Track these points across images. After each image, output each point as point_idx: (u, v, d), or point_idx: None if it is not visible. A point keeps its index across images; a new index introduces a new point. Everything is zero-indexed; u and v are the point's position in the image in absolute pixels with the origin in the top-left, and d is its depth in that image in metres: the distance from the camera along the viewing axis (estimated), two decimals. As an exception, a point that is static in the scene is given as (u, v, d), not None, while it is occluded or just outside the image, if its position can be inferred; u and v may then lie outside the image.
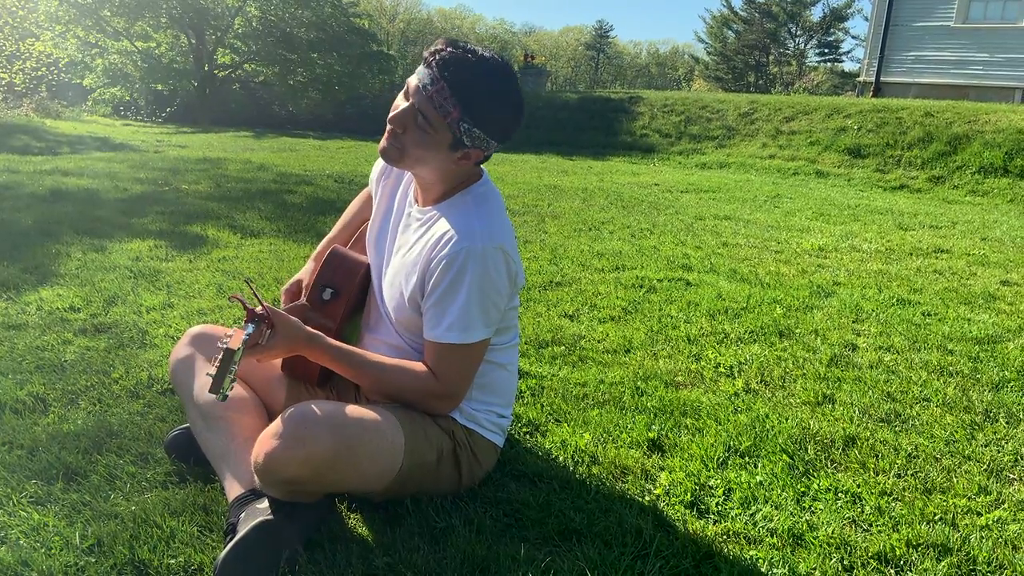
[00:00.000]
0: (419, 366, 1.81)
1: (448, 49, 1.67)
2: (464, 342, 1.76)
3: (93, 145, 10.72)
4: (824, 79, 28.45)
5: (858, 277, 4.50)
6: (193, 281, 3.77)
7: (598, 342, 3.16)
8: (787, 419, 2.47)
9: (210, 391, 1.56)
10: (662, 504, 1.97)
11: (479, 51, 1.70)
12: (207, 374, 1.60)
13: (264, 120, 19.05)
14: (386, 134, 1.75)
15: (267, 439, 1.62)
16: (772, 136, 12.26)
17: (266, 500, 1.71)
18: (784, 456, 2.22)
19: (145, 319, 3.19)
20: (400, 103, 1.73)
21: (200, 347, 2.00)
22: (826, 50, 33.01)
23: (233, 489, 1.79)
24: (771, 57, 33.09)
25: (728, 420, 2.45)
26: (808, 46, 33.29)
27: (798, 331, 3.41)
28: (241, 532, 1.63)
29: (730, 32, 34.98)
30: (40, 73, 17.23)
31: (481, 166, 1.90)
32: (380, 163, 2.09)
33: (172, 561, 1.66)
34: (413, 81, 1.70)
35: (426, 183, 1.86)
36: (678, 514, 1.92)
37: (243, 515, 1.71)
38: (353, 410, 1.75)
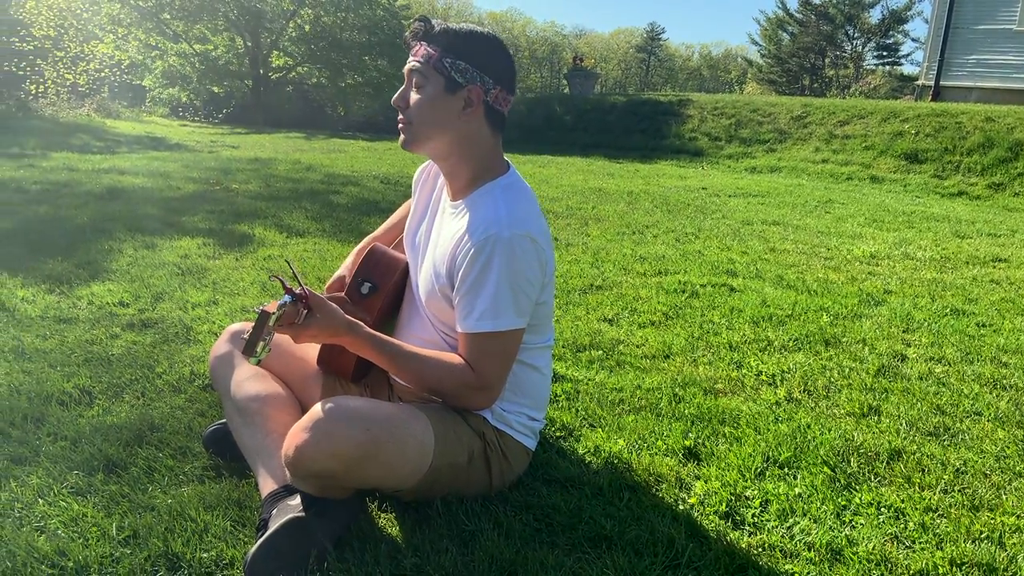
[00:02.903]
0: (455, 358, 1.80)
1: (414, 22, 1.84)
2: (496, 330, 1.74)
3: (150, 145, 11.00)
4: (882, 82, 27.75)
5: (910, 286, 4.37)
6: (238, 279, 3.84)
7: (637, 347, 3.13)
8: (830, 430, 2.41)
9: (243, 353, 1.58)
10: (696, 514, 1.93)
11: None
12: (241, 337, 1.62)
13: (316, 122, 19.36)
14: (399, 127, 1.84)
15: (298, 432, 1.63)
16: (825, 140, 12.02)
17: (298, 497, 1.72)
18: (825, 468, 2.16)
19: (190, 315, 3.25)
20: None
21: (239, 344, 2.02)
22: (884, 53, 32.25)
23: (267, 485, 1.81)
24: (827, 60, 32.45)
25: (768, 430, 2.39)
26: (866, 48, 32.56)
27: (845, 340, 3.32)
28: (271, 529, 1.65)
29: (785, 34, 34.39)
30: (103, 74, 17.71)
31: (508, 162, 1.90)
32: (419, 169, 2.12)
33: (204, 555, 1.68)
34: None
35: (450, 168, 1.87)
36: (712, 524, 1.88)
37: (275, 511, 1.72)
38: (384, 407, 1.76)
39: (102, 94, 17.44)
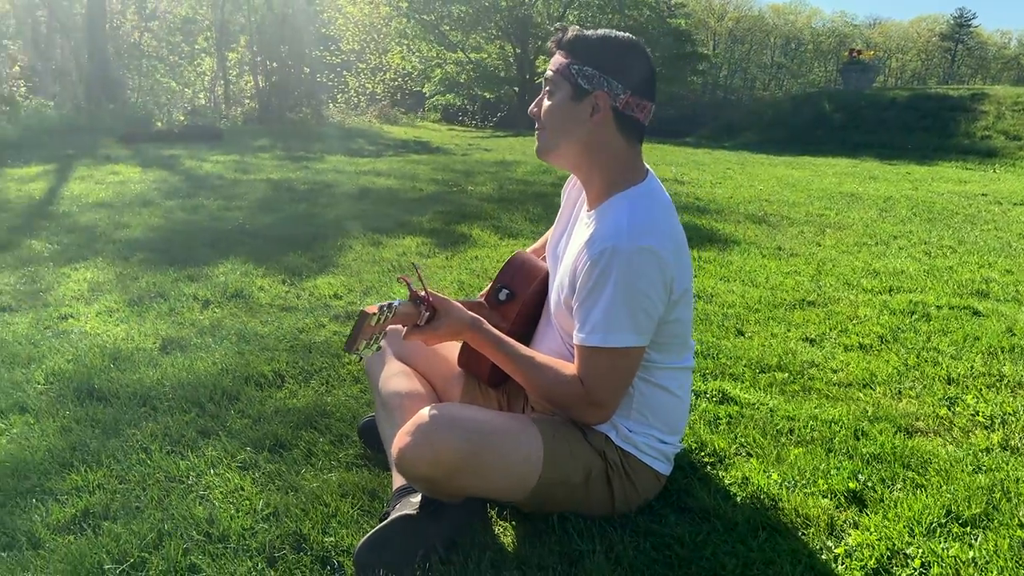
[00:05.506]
0: (570, 367, 1.76)
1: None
2: (607, 345, 1.67)
3: (413, 148, 11.93)
4: None
5: None
6: (440, 278, 4.04)
7: (832, 372, 2.83)
8: (1045, 488, 2.02)
9: (344, 348, 1.64)
10: (838, 567, 1.71)
11: None
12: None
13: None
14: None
15: (403, 435, 1.68)
16: None
17: (420, 495, 1.78)
18: (1020, 531, 1.81)
19: (388, 310, 3.47)
20: None
21: (391, 341, 2.13)
22: None
23: (398, 479, 1.88)
24: None
25: (960, 479, 2.06)
26: None
27: (1106, 381, 2.76)
28: (384, 522, 1.71)
29: (1125, 13, 29.11)
30: (397, 83, 19.54)
31: (647, 166, 1.81)
32: (568, 178, 2.09)
33: (327, 539, 1.79)
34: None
35: (584, 177, 1.82)
36: (853, 582, 1.66)
37: (397, 506, 1.79)
38: (492, 417, 1.75)
39: (383, 101, 19.22)
